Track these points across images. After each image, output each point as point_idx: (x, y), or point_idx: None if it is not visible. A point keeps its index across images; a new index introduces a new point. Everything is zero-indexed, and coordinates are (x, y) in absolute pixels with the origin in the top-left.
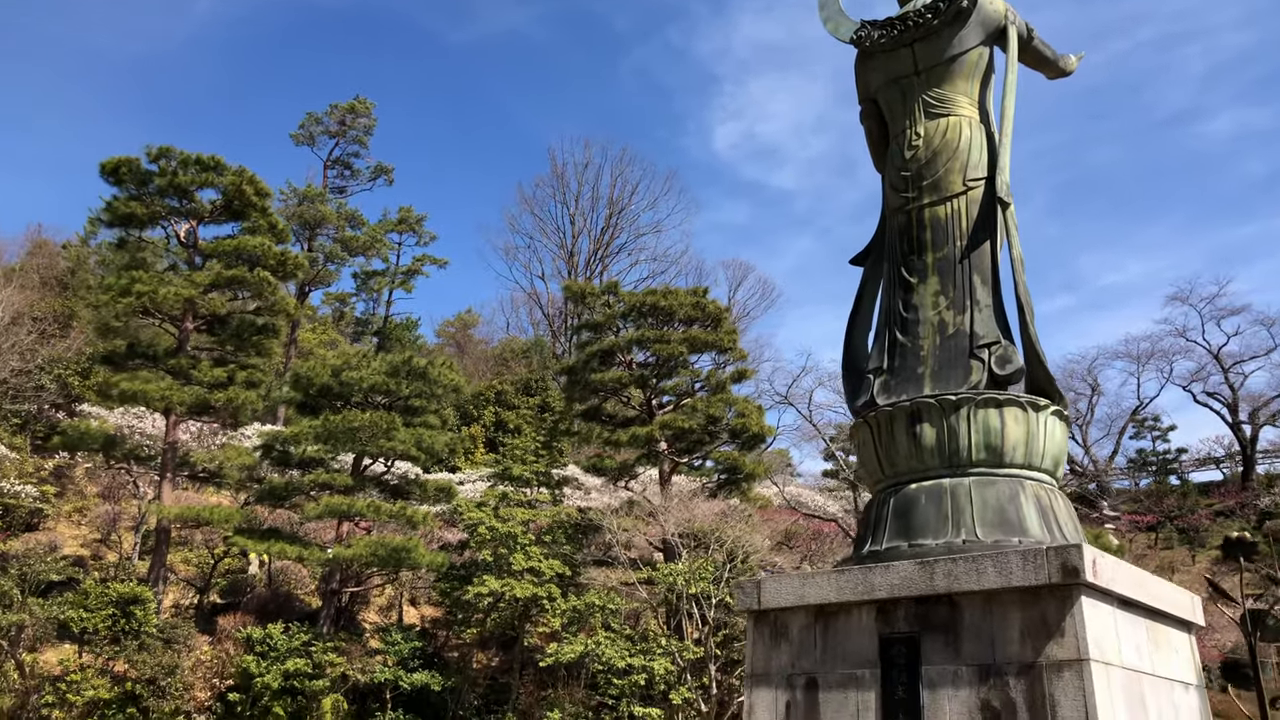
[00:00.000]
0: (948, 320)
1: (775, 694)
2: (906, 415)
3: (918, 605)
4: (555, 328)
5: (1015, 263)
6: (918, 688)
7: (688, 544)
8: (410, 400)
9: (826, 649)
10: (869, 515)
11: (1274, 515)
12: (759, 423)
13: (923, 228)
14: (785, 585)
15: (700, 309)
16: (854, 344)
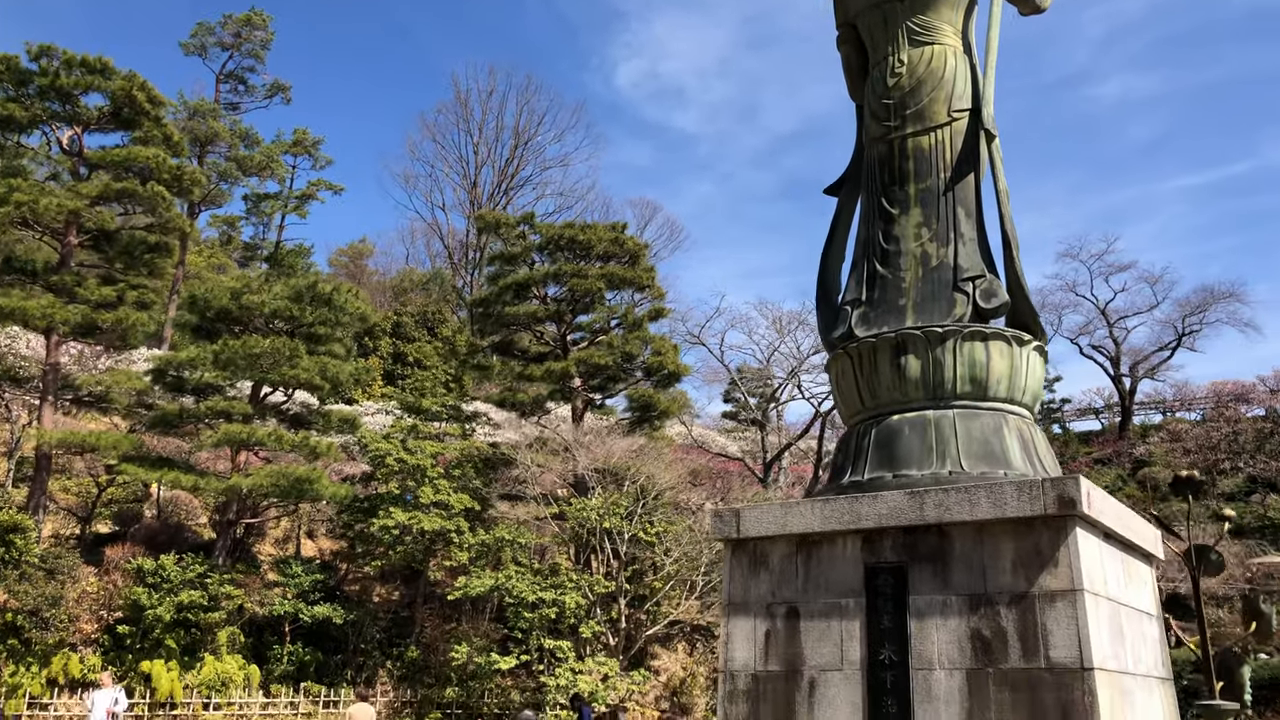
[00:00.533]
0: (931, 252)
1: (754, 623)
2: (891, 346)
3: (906, 535)
4: (456, 260)
5: (1001, 195)
6: (905, 617)
7: (600, 480)
8: (314, 328)
9: (809, 578)
10: (848, 446)
11: (1147, 464)
12: (674, 361)
13: (905, 158)
14: (766, 514)
15: (619, 245)
16: (828, 275)
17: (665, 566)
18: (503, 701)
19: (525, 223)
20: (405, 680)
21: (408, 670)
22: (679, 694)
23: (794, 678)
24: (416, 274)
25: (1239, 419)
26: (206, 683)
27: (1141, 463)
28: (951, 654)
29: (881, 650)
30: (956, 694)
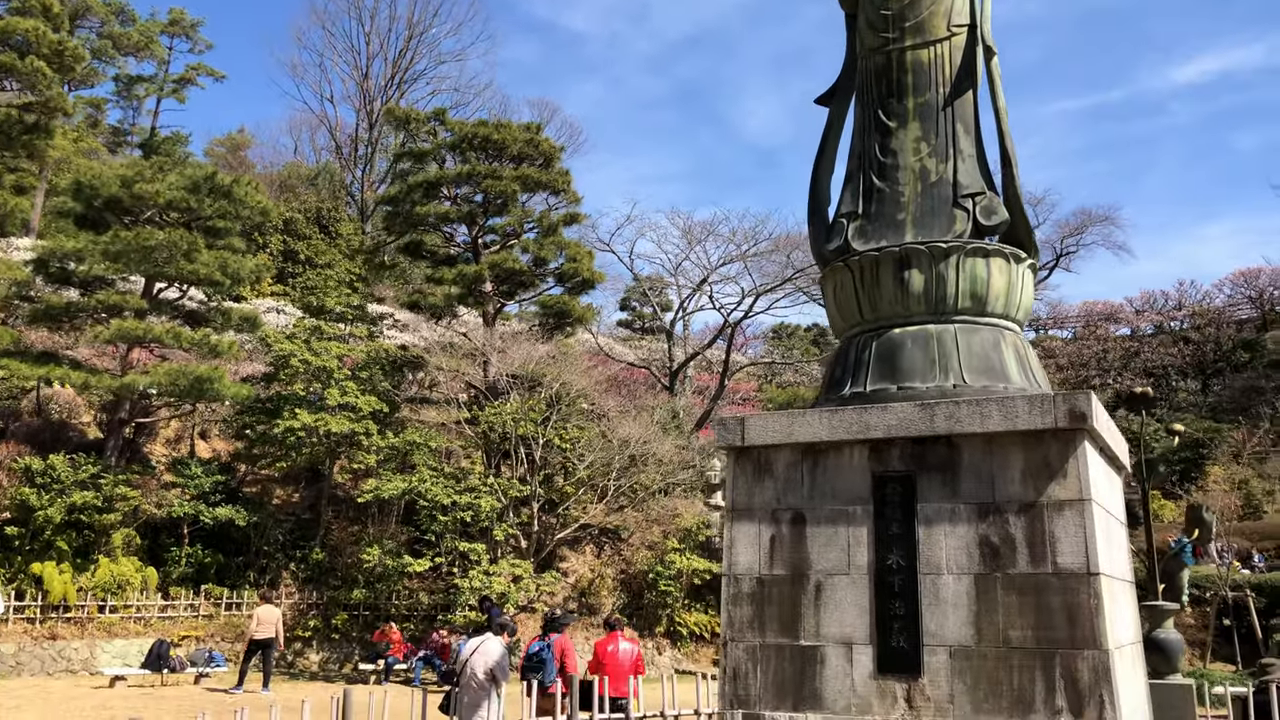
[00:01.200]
0: (930, 167)
1: (758, 528)
2: (894, 260)
3: (914, 445)
4: (346, 155)
5: (1001, 113)
6: (913, 524)
7: (513, 385)
8: (212, 221)
9: (815, 486)
10: (846, 358)
11: None
12: (589, 268)
13: (904, 70)
14: (772, 422)
15: (534, 146)
16: (819, 188)
17: (578, 472)
18: (411, 603)
19: (437, 119)
20: (310, 582)
21: (313, 572)
22: (587, 595)
23: (800, 581)
24: (304, 168)
25: (1108, 338)
26: (102, 585)
27: None
28: (960, 559)
29: (889, 555)
30: (964, 597)
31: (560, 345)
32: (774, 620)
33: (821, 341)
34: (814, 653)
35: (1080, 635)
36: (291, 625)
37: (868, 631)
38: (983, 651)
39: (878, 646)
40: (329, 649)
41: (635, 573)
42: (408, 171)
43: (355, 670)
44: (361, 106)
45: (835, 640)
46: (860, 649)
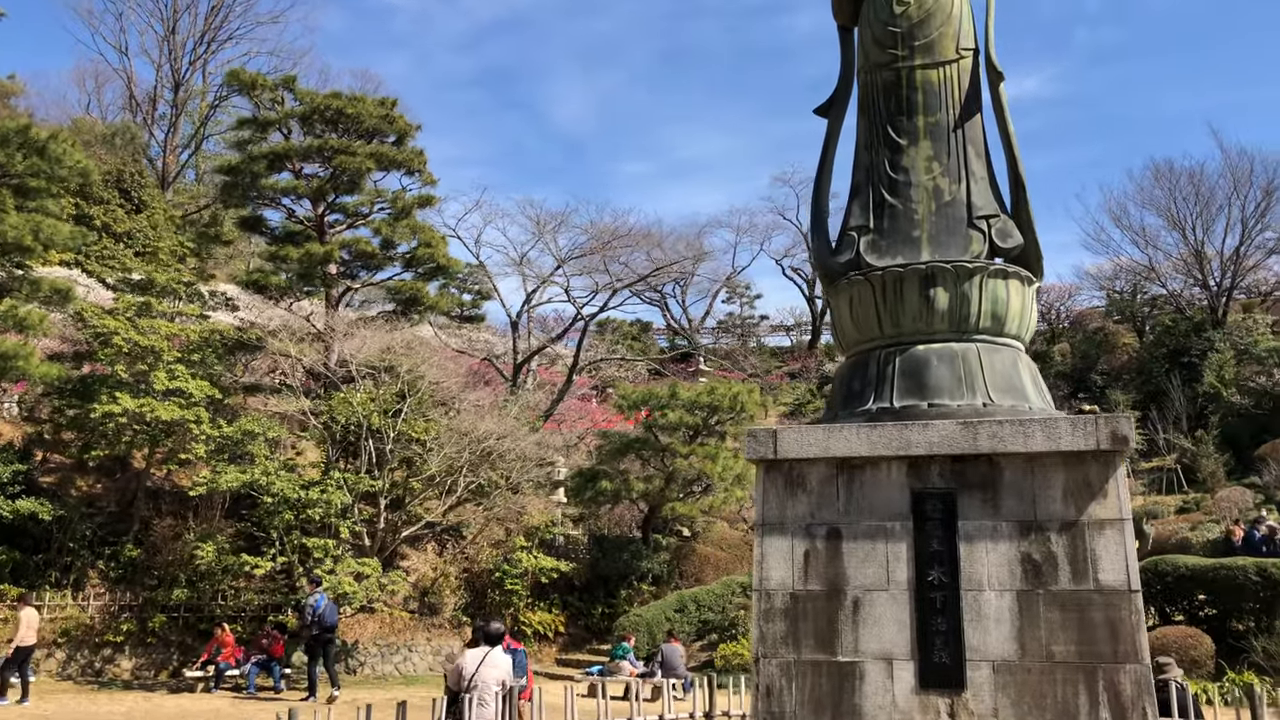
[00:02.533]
0: (943, 187)
1: (791, 543)
2: (920, 278)
3: (954, 463)
4: (147, 114)
5: (1011, 137)
6: (954, 541)
7: (362, 374)
8: (25, 180)
9: (851, 501)
10: (865, 372)
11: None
12: (443, 254)
13: (914, 89)
14: (807, 436)
15: (389, 122)
16: (823, 199)
17: (429, 467)
18: (239, 604)
19: (285, 86)
20: (122, 582)
21: (125, 571)
22: (429, 594)
23: (837, 596)
24: (98, 125)
25: None
26: None
27: (827, 379)
28: (1001, 576)
29: (930, 571)
30: (1007, 613)
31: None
32: (810, 636)
33: (644, 338)
34: (852, 669)
35: (1123, 650)
36: (101, 630)
37: (909, 647)
38: (1026, 666)
39: (919, 662)
40: (144, 654)
41: (479, 571)
42: (248, 140)
43: (177, 677)
44: (164, 63)
45: (875, 656)
46: (901, 664)
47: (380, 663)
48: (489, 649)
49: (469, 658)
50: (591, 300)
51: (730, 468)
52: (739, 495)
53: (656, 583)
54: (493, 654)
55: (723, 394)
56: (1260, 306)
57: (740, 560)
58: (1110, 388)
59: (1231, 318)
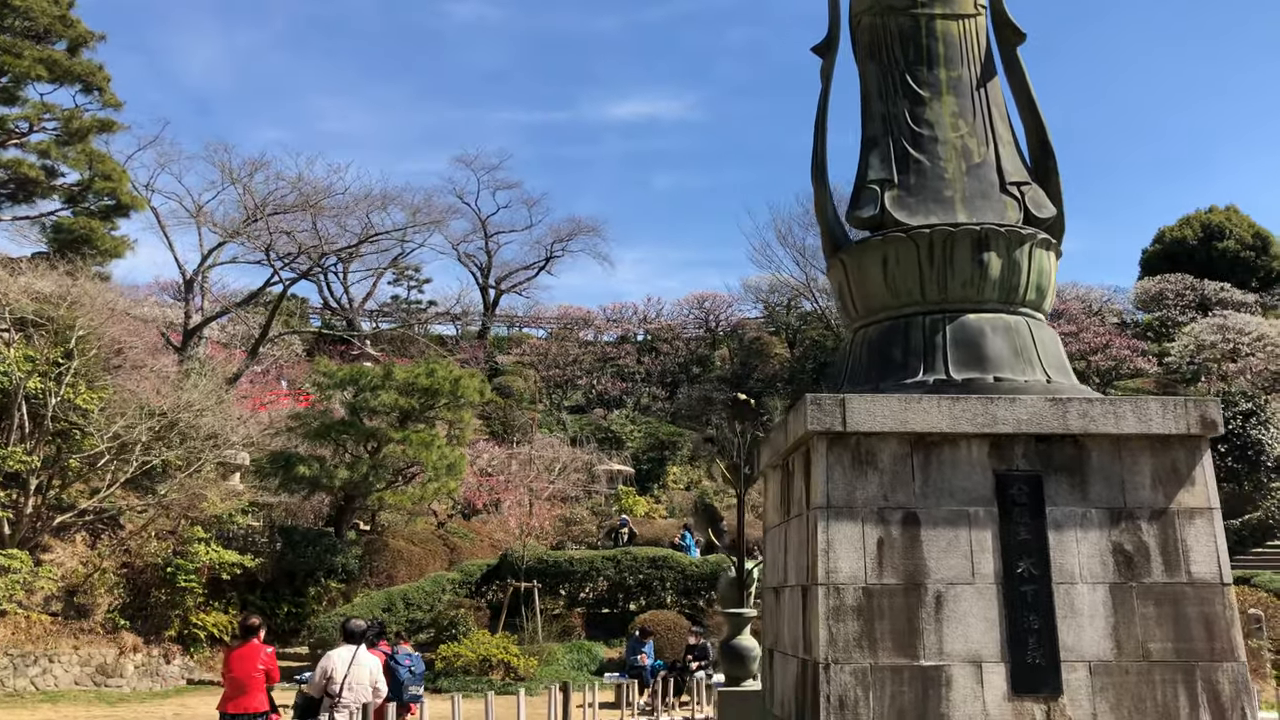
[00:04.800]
0: (971, 148)
1: (862, 529)
2: (973, 240)
3: (1039, 443)
4: None
5: (1036, 102)
6: (1043, 529)
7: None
8: None
9: (928, 483)
10: (908, 340)
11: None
12: (127, 190)
13: (934, 38)
14: (880, 407)
15: (66, 25)
16: (825, 147)
17: (97, 443)
18: None
19: None
20: None
21: None
22: (77, 594)
23: (916, 591)
24: None
25: (584, 342)
26: None
27: (498, 370)
28: (1093, 568)
29: (1019, 563)
30: (1101, 608)
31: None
32: (887, 637)
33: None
34: (937, 674)
35: (1219, 647)
36: None
37: (998, 648)
38: (1123, 666)
39: (1011, 664)
40: None
41: (143, 566)
42: None
43: None
44: None
45: (961, 659)
46: (991, 667)
47: (13, 676)
48: (355, 648)
49: (336, 659)
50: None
51: (445, 456)
52: (452, 486)
53: (347, 580)
54: (360, 653)
55: (443, 377)
56: None
57: (434, 556)
58: (766, 394)
59: None
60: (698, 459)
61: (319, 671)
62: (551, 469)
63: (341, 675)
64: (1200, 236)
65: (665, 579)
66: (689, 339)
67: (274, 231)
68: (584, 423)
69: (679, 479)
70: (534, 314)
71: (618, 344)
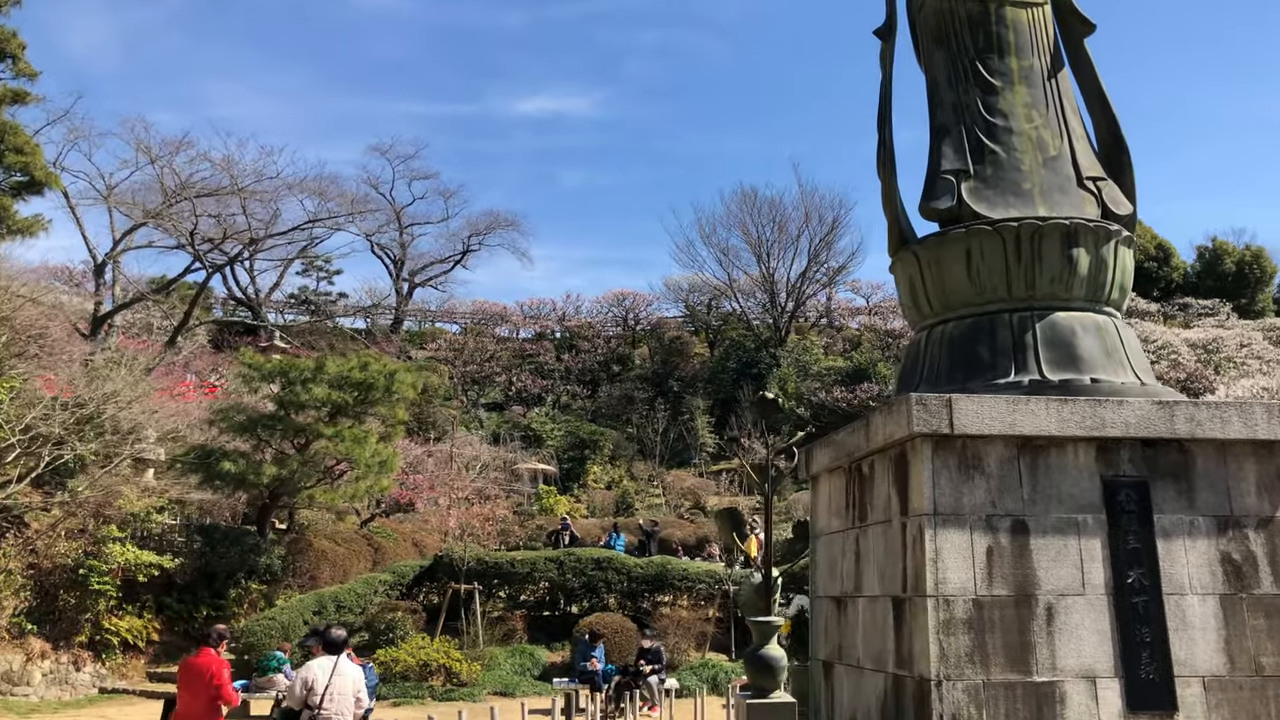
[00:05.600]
0: (1046, 140)
1: (970, 537)
2: (1062, 234)
3: (1145, 448)
4: None
5: (1107, 96)
6: (1151, 537)
7: None
8: None
9: (1036, 488)
10: (994, 339)
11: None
12: (41, 165)
13: (1004, 26)
14: (988, 408)
15: None
16: (891, 133)
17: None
18: None
19: None
20: None
21: None
22: None
23: (1027, 603)
24: None
25: (501, 338)
26: None
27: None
28: (1203, 578)
29: (1129, 573)
30: (1212, 620)
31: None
32: (999, 652)
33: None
34: (1051, 690)
35: None
36: None
37: (1112, 662)
38: (1236, 681)
39: (1126, 680)
40: None
41: (51, 568)
42: None
43: None
44: None
45: (1075, 674)
46: (1105, 683)
47: None
48: (336, 657)
49: (317, 669)
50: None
51: (378, 453)
52: (384, 484)
53: (270, 581)
54: (341, 663)
55: (377, 371)
56: (813, 330)
57: (358, 556)
58: (686, 393)
59: (791, 338)
60: (619, 458)
61: (299, 682)
62: (472, 467)
63: (323, 686)
64: None
65: (610, 581)
66: (609, 337)
67: (199, 215)
68: (502, 420)
69: (599, 478)
70: (448, 308)
71: (536, 341)
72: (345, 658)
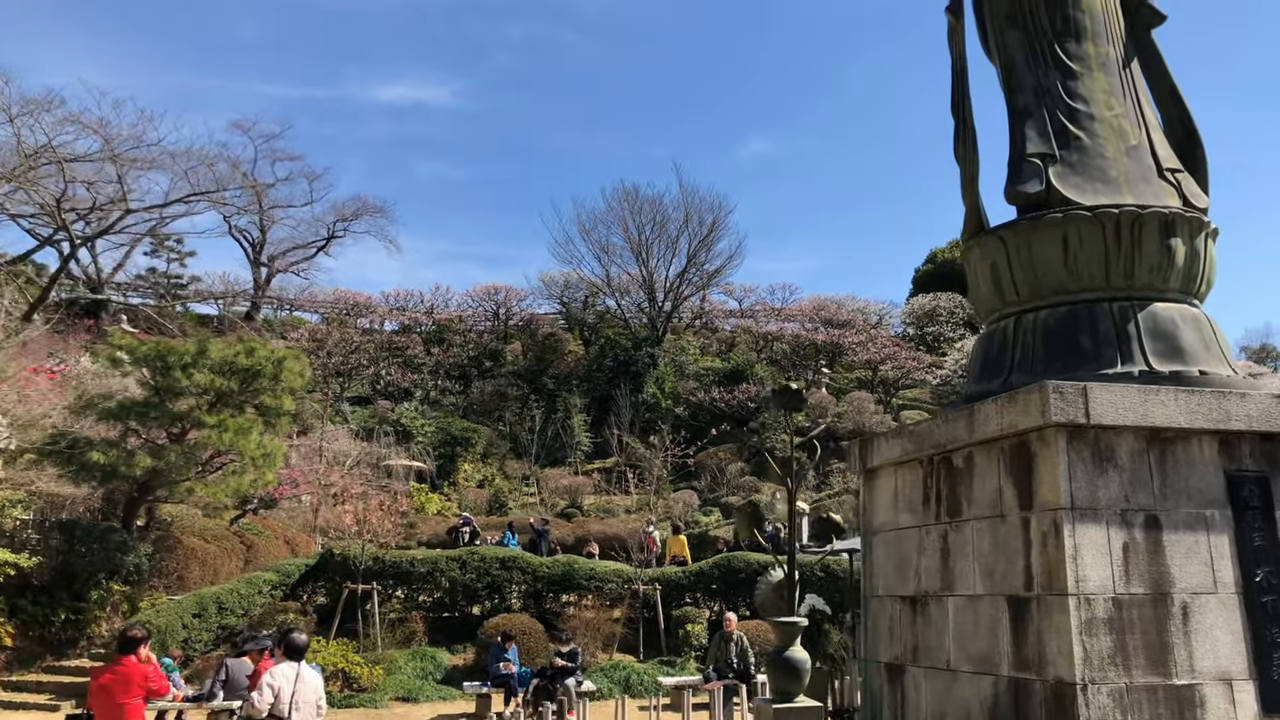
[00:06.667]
0: (1126, 129)
1: (1107, 533)
2: (1161, 223)
3: (1264, 442)
4: None
5: (1179, 88)
6: (1275, 534)
7: None
8: None
9: (1166, 483)
10: (1096, 328)
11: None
12: None
13: (1080, 10)
14: (1122, 398)
15: None
16: (972, 114)
17: None
18: None
19: None
20: None
21: None
22: None
23: (1163, 602)
24: None
25: (368, 330)
26: None
27: None
28: None
29: (1257, 571)
30: None
31: None
32: (1139, 654)
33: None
34: (1190, 694)
35: None
36: None
37: (1246, 664)
38: None
39: (1260, 682)
40: None
41: None
42: None
43: None
44: None
45: (1212, 676)
46: (1241, 685)
47: None
48: (298, 664)
49: (282, 677)
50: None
51: (263, 445)
52: (269, 478)
53: (134, 582)
54: (304, 669)
55: (264, 357)
56: (689, 330)
57: (230, 554)
58: (562, 391)
59: (668, 338)
60: (491, 456)
61: (266, 690)
62: (340, 462)
63: (289, 694)
64: None
65: (515, 581)
66: (481, 332)
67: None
68: (369, 415)
69: (471, 476)
70: (308, 296)
71: (403, 334)
72: (305, 664)
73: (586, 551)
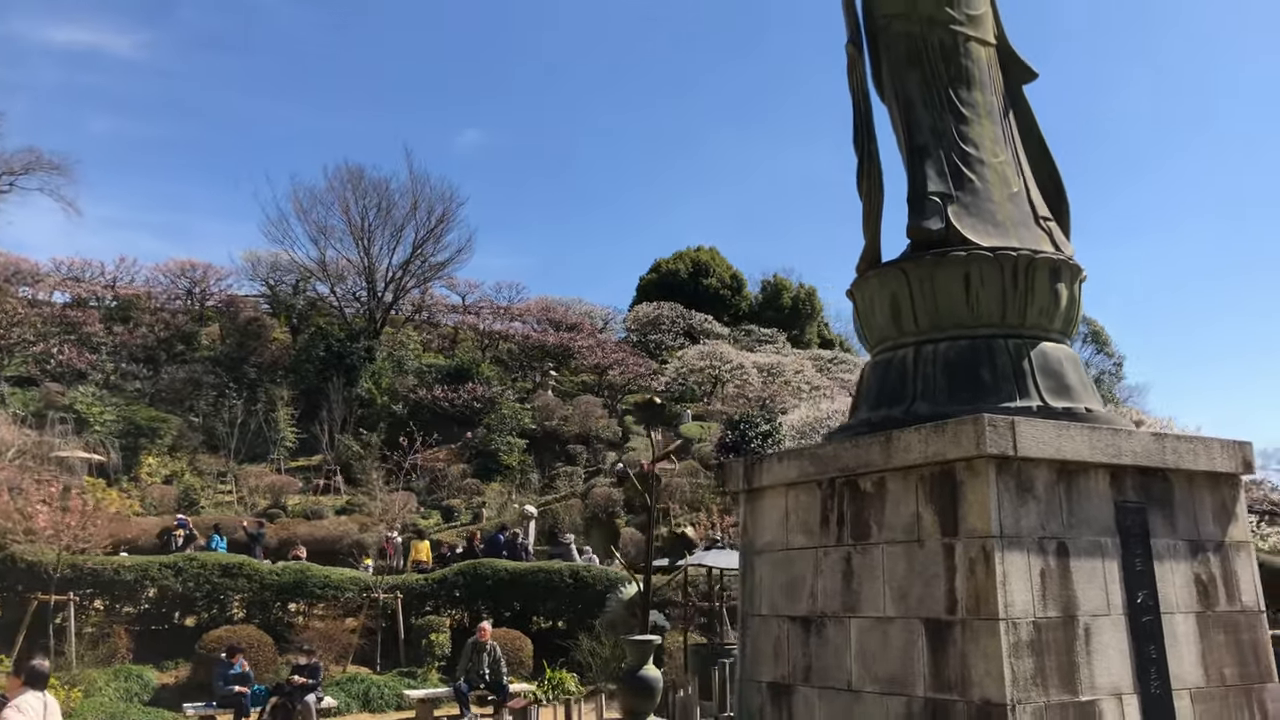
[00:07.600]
0: (1009, 176)
1: (1028, 560)
2: (1050, 269)
3: (1141, 476)
4: None
5: (1046, 143)
6: (1151, 560)
7: None
8: None
9: (1073, 512)
10: (995, 364)
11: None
12: None
13: (971, 60)
14: (1043, 433)
15: None
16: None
17: None
18: None
19: None
20: None
21: None
22: None
23: (1071, 624)
24: None
25: (33, 301)
26: None
27: None
28: (1184, 597)
29: (1139, 593)
30: (1192, 636)
31: None
32: (1054, 673)
33: None
34: (1092, 709)
35: (1263, 669)
36: None
37: (1131, 679)
38: (1210, 692)
39: (1141, 696)
40: None
41: None
42: None
43: None
44: None
45: (1107, 692)
46: (1128, 699)
47: None
48: (43, 694)
49: (30, 709)
50: None
51: None
52: None
53: None
54: (50, 700)
55: None
56: (409, 324)
57: None
58: (265, 381)
59: (387, 331)
60: (181, 449)
61: None
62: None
63: None
64: (690, 271)
65: (239, 590)
66: (174, 311)
67: None
68: (32, 398)
69: (157, 471)
70: None
71: (79, 307)
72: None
73: (293, 555)
